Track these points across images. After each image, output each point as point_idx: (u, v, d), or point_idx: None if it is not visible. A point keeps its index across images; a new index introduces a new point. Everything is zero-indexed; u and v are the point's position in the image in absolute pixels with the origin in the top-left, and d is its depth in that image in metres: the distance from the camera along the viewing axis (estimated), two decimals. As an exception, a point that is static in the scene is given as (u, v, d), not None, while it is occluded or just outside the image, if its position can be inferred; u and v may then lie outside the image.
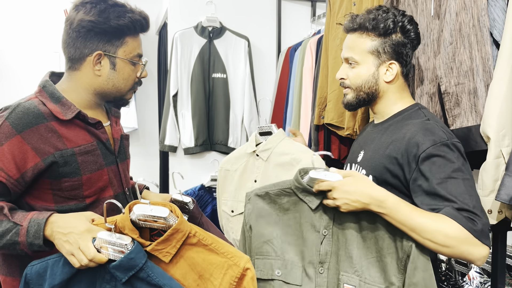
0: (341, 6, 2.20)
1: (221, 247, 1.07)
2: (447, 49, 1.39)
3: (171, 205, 1.06)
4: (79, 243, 1.01)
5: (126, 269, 1.00)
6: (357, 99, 1.35)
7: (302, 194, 1.22)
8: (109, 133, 1.33)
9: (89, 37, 1.22)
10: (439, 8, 1.53)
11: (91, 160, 1.22)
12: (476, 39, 1.35)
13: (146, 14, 1.30)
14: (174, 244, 1.03)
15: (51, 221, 1.07)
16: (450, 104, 1.39)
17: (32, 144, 1.13)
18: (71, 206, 1.20)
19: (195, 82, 2.79)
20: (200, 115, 2.80)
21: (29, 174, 1.13)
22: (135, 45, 1.28)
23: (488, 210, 1.23)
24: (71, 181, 1.18)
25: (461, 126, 1.36)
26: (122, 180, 1.35)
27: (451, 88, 1.38)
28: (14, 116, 1.13)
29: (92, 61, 1.23)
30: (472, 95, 1.35)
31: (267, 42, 2.99)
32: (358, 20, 1.32)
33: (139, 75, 1.33)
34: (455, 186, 1.12)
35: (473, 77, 1.35)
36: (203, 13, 2.83)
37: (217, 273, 1.04)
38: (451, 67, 1.39)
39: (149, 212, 1.02)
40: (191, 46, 2.80)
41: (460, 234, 1.07)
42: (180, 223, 1.04)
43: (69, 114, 1.19)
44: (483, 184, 1.25)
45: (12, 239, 1.07)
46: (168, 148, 2.82)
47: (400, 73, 1.34)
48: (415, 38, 1.35)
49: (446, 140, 1.17)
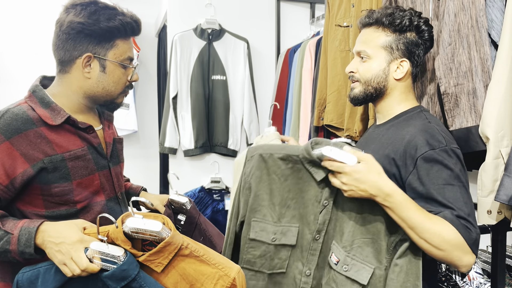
0: (340, 7, 2.20)
1: (213, 258, 1.09)
2: (446, 49, 1.39)
3: (163, 217, 1.08)
4: (71, 253, 1.01)
5: (119, 279, 1.01)
6: (364, 93, 1.35)
7: (309, 165, 1.22)
8: (101, 137, 1.31)
9: (79, 39, 1.20)
10: (438, 9, 1.53)
11: (81, 165, 1.21)
12: (474, 39, 1.35)
13: (137, 17, 1.29)
14: (167, 256, 1.05)
15: (42, 229, 1.07)
16: (449, 105, 1.39)
17: (21, 150, 1.12)
18: (62, 211, 1.19)
19: (194, 84, 2.80)
20: (199, 117, 2.80)
21: (19, 180, 1.12)
22: (125, 48, 1.27)
23: (487, 211, 1.24)
24: (61, 186, 1.17)
25: (461, 126, 1.36)
26: (114, 185, 1.33)
27: (450, 88, 1.39)
28: (2, 122, 1.12)
29: (81, 63, 1.22)
30: (471, 95, 1.35)
31: (266, 44, 2.99)
32: (375, 15, 1.33)
33: (129, 79, 1.31)
34: (452, 193, 1.13)
35: (472, 77, 1.35)
36: (202, 15, 2.83)
37: (208, 283, 1.06)
38: (450, 67, 1.39)
39: (142, 226, 1.03)
40: (191, 48, 2.80)
41: (456, 240, 1.09)
42: (173, 236, 1.05)
43: (58, 119, 1.18)
44: (482, 184, 1.25)
45: (3, 247, 1.07)
46: (168, 150, 2.82)
47: (410, 72, 1.34)
48: (428, 40, 1.35)
49: (445, 146, 1.17)
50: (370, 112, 1.86)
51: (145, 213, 1.07)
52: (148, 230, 1.03)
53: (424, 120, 1.27)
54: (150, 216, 1.06)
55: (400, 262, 1.14)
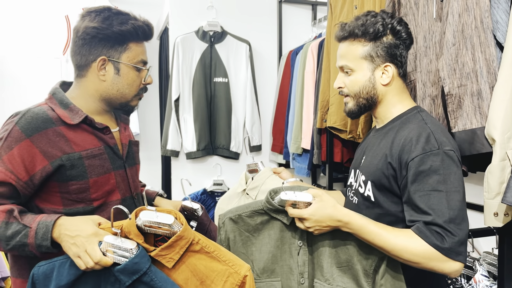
0: (343, 9, 2.20)
1: (223, 255, 1.10)
2: (450, 50, 1.38)
3: (176, 212, 1.09)
4: (86, 246, 1.04)
5: (131, 273, 1.03)
6: (357, 106, 1.35)
7: (275, 213, 1.27)
8: (117, 139, 1.36)
9: (94, 43, 1.26)
10: (441, 11, 1.52)
11: (98, 163, 1.26)
12: (479, 40, 1.34)
13: (149, 22, 1.34)
14: (178, 251, 1.06)
15: (59, 223, 1.11)
16: (452, 106, 1.39)
17: (40, 147, 1.17)
18: (79, 209, 1.23)
19: (196, 86, 2.79)
20: (202, 119, 2.80)
21: (38, 177, 1.17)
22: (138, 51, 1.32)
23: (494, 213, 1.23)
24: (78, 184, 1.22)
25: (464, 128, 1.35)
26: (130, 185, 1.37)
27: (454, 89, 1.38)
28: (23, 121, 1.18)
29: (96, 66, 1.27)
30: (476, 97, 1.34)
31: (268, 46, 2.99)
32: (347, 28, 1.32)
33: (144, 81, 1.36)
34: (436, 200, 1.11)
35: (477, 79, 1.34)
36: (204, 17, 2.83)
37: (218, 280, 1.07)
38: (454, 68, 1.38)
39: (155, 219, 1.05)
40: (193, 51, 2.80)
41: (426, 251, 1.09)
42: (184, 230, 1.07)
43: (76, 119, 1.24)
44: (488, 186, 1.24)
45: (21, 241, 1.10)
46: (170, 153, 2.81)
47: (396, 74, 1.33)
48: (407, 38, 1.34)
49: (436, 149, 1.15)
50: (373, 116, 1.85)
51: (158, 208, 1.09)
52: (160, 223, 1.05)
53: (420, 121, 1.25)
54: (163, 211, 1.08)
55: (384, 281, 1.17)
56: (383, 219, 1.22)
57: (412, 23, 1.70)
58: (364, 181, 1.32)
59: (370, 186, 1.28)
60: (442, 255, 1.08)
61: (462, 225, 1.10)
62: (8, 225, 1.11)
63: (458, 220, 1.10)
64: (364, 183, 1.32)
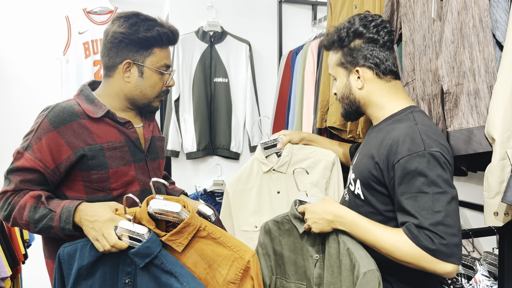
0: (342, 9, 2.19)
1: (228, 241, 1.17)
2: (449, 48, 1.38)
3: (184, 200, 1.17)
4: (103, 230, 1.14)
5: (143, 256, 1.12)
6: (344, 109, 1.42)
7: (295, 221, 1.35)
8: (140, 134, 1.45)
9: (121, 47, 1.35)
10: (441, 10, 1.52)
11: (118, 155, 1.35)
12: (477, 39, 1.34)
13: (175, 28, 1.42)
14: (186, 236, 1.15)
15: (80, 209, 1.21)
16: (449, 105, 1.38)
17: (66, 138, 1.28)
18: (100, 197, 1.33)
19: (196, 86, 2.79)
20: (202, 119, 2.79)
21: (63, 166, 1.28)
22: (162, 56, 1.39)
23: (494, 212, 1.22)
24: (99, 173, 1.31)
25: (460, 127, 1.35)
26: (150, 177, 1.43)
27: (452, 88, 1.37)
28: (52, 114, 1.29)
29: (122, 68, 1.36)
30: (473, 96, 1.34)
31: (268, 46, 2.99)
32: (323, 43, 1.43)
33: (166, 84, 1.44)
34: (422, 202, 1.11)
35: (474, 78, 1.34)
36: (204, 17, 2.83)
37: (224, 264, 1.15)
38: (452, 66, 1.38)
39: (163, 207, 1.14)
40: (193, 51, 2.80)
41: (414, 252, 1.10)
42: (191, 217, 1.15)
43: (99, 113, 1.34)
44: (488, 186, 1.23)
45: (47, 224, 1.22)
46: (170, 153, 2.81)
47: (374, 75, 1.34)
48: (376, 33, 1.33)
49: (422, 150, 1.15)
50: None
51: (166, 196, 1.18)
52: (168, 211, 1.13)
53: (411, 122, 1.25)
54: (172, 199, 1.16)
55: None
56: (372, 218, 1.23)
57: (411, 22, 1.70)
58: (354, 179, 1.35)
59: (359, 184, 1.31)
60: (431, 256, 1.08)
61: (451, 227, 1.10)
62: (37, 209, 1.23)
63: (446, 221, 1.09)
64: (354, 181, 1.35)
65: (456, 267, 1.10)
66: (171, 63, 1.45)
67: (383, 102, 1.34)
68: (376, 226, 1.18)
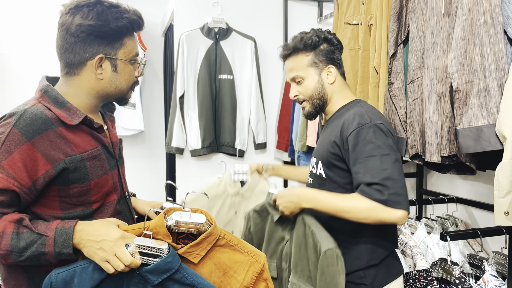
0: (349, 5, 2.17)
1: (245, 246, 1.17)
2: (459, 45, 1.36)
3: (202, 210, 1.13)
4: (115, 250, 1.03)
5: (161, 272, 1.05)
6: (313, 107, 1.60)
7: (270, 208, 1.61)
8: (108, 137, 1.32)
9: (89, 41, 1.20)
10: (450, 6, 1.50)
11: (98, 165, 1.21)
12: (488, 36, 1.31)
13: (139, 12, 1.29)
14: (205, 247, 1.12)
15: (78, 229, 1.07)
16: (459, 102, 1.36)
17: (42, 151, 1.10)
18: (78, 212, 1.18)
19: (201, 83, 2.78)
20: (207, 116, 2.78)
21: (40, 182, 1.10)
22: (133, 45, 1.28)
23: (504, 212, 1.20)
24: (79, 187, 1.16)
25: (469, 125, 1.33)
26: (122, 184, 1.35)
27: (462, 85, 1.35)
28: (22, 123, 1.09)
29: (94, 65, 1.22)
30: (483, 93, 1.32)
31: (273, 43, 2.97)
32: (290, 46, 1.60)
33: (138, 75, 1.32)
34: (371, 163, 1.33)
35: (484, 75, 1.32)
36: (209, 14, 2.81)
37: (241, 269, 1.15)
38: (462, 64, 1.36)
39: (189, 219, 1.10)
40: (198, 47, 2.78)
41: (370, 205, 1.31)
42: (214, 227, 1.12)
43: (75, 119, 1.17)
44: (499, 185, 1.21)
45: (38, 250, 1.05)
46: (174, 150, 2.80)
47: (339, 74, 1.60)
48: (338, 43, 1.61)
49: (369, 123, 1.38)
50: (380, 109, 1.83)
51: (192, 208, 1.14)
52: (193, 222, 1.10)
53: (358, 107, 1.49)
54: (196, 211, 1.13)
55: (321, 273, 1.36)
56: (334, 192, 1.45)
57: (420, 18, 1.68)
58: (315, 162, 1.57)
59: (321, 165, 1.53)
60: (383, 205, 1.29)
61: (397, 181, 1.31)
62: (20, 235, 1.05)
63: (393, 176, 1.31)
64: (316, 164, 1.57)
65: (406, 213, 1.30)
66: (139, 51, 1.33)
67: (340, 98, 1.59)
68: (335, 195, 1.40)
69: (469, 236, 1.62)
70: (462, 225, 2.09)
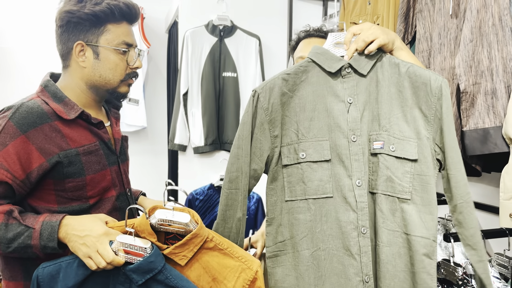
0: (356, 5, 2.17)
1: (236, 251, 1.09)
2: (467, 46, 1.36)
3: (189, 210, 1.07)
4: (97, 246, 1.01)
5: (144, 272, 1.01)
6: None
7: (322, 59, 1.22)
8: (109, 134, 1.31)
9: (70, 29, 1.19)
10: (458, 7, 1.50)
11: (94, 160, 1.20)
12: (496, 38, 1.31)
13: (131, 1, 1.25)
14: (192, 248, 1.05)
15: (65, 223, 1.06)
16: (466, 104, 1.36)
17: (36, 144, 1.11)
18: (75, 207, 1.18)
19: (205, 80, 2.77)
20: (210, 114, 2.78)
21: (34, 175, 1.11)
22: (118, 33, 1.23)
23: (510, 214, 1.21)
24: (75, 181, 1.16)
25: (476, 127, 1.33)
26: (123, 181, 1.33)
27: (469, 87, 1.36)
28: (18, 116, 1.10)
29: (76, 53, 1.20)
30: (490, 95, 1.32)
31: (278, 41, 2.96)
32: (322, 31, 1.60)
33: (132, 65, 1.27)
34: None
35: (492, 77, 1.32)
36: (214, 11, 2.81)
37: (231, 276, 1.06)
38: (470, 65, 1.36)
39: (171, 218, 1.04)
40: (202, 45, 2.78)
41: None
42: (200, 228, 1.06)
43: (72, 114, 1.17)
44: (505, 187, 1.22)
45: (24, 242, 1.05)
46: (177, 147, 2.80)
47: None
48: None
49: None
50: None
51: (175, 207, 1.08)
52: (177, 221, 1.04)
53: None
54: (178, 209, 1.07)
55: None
56: None
57: (427, 19, 1.68)
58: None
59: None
60: None
61: None
62: (9, 226, 1.05)
63: None
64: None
65: None
66: (133, 42, 1.27)
67: None
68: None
69: (472, 238, 1.62)
70: (464, 226, 2.08)
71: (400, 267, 1.16)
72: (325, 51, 1.23)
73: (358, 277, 1.17)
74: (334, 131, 1.20)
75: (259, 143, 1.22)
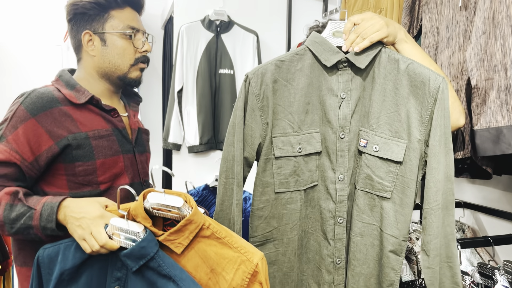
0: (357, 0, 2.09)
1: (235, 241, 1.04)
2: (479, 39, 1.27)
3: (186, 195, 1.04)
4: (91, 228, 1.01)
5: (137, 258, 0.99)
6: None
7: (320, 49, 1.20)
8: (126, 123, 1.34)
9: (77, 21, 1.26)
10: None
11: (105, 145, 1.22)
12: (510, 30, 1.23)
13: None
14: (187, 236, 1.01)
15: (64, 205, 1.08)
16: (477, 101, 1.27)
17: (46, 127, 1.14)
18: (85, 192, 1.20)
19: (201, 77, 2.68)
20: (205, 112, 2.69)
21: (43, 158, 1.14)
22: (123, 18, 1.27)
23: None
24: (84, 165, 1.18)
25: (488, 126, 1.24)
26: (139, 171, 1.35)
27: (481, 82, 1.26)
28: (28, 101, 1.15)
29: (85, 43, 1.26)
30: (504, 92, 1.23)
31: (276, 37, 2.88)
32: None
33: (140, 48, 1.30)
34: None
35: (506, 72, 1.23)
36: (210, 6, 2.72)
37: (229, 267, 1.02)
38: (482, 59, 1.27)
39: (163, 201, 1.01)
40: (198, 40, 2.69)
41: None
42: (194, 214, 1.01)
43: (82, 98, 1.21)
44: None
45: (25, 223, 1.07)
46: (171, 146, 2.71)
47: None
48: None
49: None
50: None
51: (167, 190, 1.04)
52: (169, 205, 1.01)
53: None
54: (172, 193, 1.03)
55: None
56: None
57: (434, 12, 1.59)
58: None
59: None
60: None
61: None
62: (13, 207, 1.08)
63: None
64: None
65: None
66: (139, 26, 1.31)
67: None
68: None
69: (481, 244, 1.54)
70: (469, 231, 2.00)
71: (372, 256, 1.26)
72: (323, 40, 1.21)
73: (330, 258, 1.28)
74: (325, 125, 1.24)
75: (250, 130, 1.22)
